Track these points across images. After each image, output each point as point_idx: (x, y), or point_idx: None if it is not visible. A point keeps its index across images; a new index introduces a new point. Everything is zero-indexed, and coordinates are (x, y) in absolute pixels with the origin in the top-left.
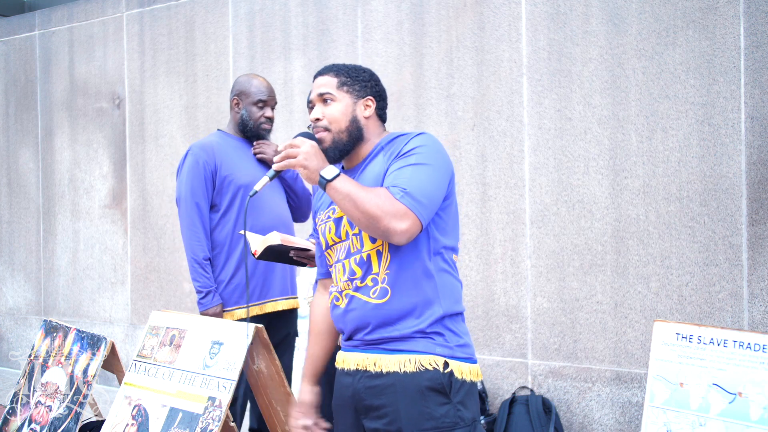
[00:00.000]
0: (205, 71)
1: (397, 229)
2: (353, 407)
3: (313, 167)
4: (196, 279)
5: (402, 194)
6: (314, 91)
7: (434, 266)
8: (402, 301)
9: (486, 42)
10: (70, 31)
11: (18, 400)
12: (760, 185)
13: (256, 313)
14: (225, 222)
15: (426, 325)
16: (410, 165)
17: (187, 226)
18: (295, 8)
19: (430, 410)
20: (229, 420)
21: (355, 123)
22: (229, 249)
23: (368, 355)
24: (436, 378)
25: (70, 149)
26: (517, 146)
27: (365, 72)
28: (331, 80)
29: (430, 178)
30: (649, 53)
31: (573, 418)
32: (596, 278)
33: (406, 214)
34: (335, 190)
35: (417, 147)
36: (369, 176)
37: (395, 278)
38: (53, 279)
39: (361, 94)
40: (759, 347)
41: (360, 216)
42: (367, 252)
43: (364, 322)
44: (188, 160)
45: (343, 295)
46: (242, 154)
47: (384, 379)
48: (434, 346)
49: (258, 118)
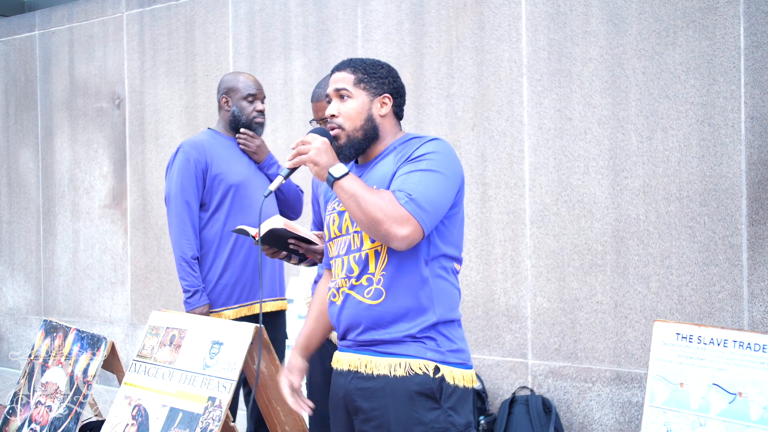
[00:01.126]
0: (205, 71)
1: (398, 234)
2: (345, 408)
3: (323, 164)
4: (183, 278)
5: (407, 200)
6: (331, 86)
7: (431, 272)
8: (395, 305)
9: (486, 42)
10: (70, 31)
11: (18, 400)
12: (760, 185)
13: (244, 315)
14: (214, 221)
15: (417, 330)
16: (419, 170)
17: (176, 224)
18: (295, 8)
19: (420, 415)
20: (229, 420)
21: (371, 121)
22: (218, 248)
23: (360, 357)
24: (425, 383)
25: (70, 149)
26: (517, 146)
27: (383, 68)
28: (348, 76)
29: (438, 185)
30: (649, 53)
31: (573, 418)
32: (596, 278)
33: (408, 220)
34: (341, 188)
35: (429, 153)
36: (376, 175)
37: (390, 281)
38: (53, 279)
39: (378, 92)
40: (759, 347)
41: (362, 217)
42: (365, 251)
43: (356, 322)
44: (179, 157)
45: (339, 293)
46: (233, 153)
47: (374, 381)
48: (425, 351)
49: (250, 113)
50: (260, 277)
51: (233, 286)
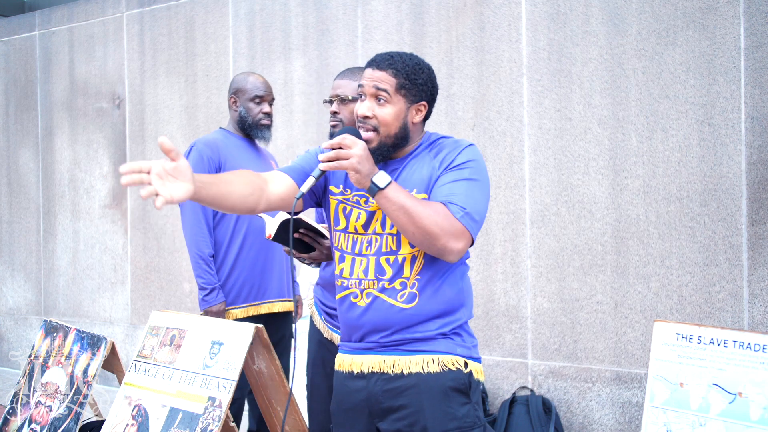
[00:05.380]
0: (205, 71)
1: (454, 249)
2: (367, 411)
3: (365, 172)
4: (200, 276)
5: (462, 213)
6: (369, 82)
7: (460, 273)
8: (428, 308)
9: (486, 42)
10: (70, 31)
11: (18, 400)
12: (760, 185)
13: (251, 314)
14: (225, 222)
15: (449, 330)
16: (464, 180)
17: (190, 222)
18: (295, 8)
19: (454, 410)
20: (229, 420)
21: (404, 129)
22: (227, 248)
23: (385, 357)
24: (459, 378)
25: (70, 149)
26: (517, 146)
27: (424, 72)
28: (390, 79)
29: (482, 195)
30: (649, 53)
31: (573, 418)
32: (596, 278)
33: (464, 234)
34: (387, 199)
35: (470, 161)
36: (413, 178)
37: (425, 285)
38: (53, 279)
39: (416, 99)
40: (759, 347)
41: (414, 230)
42: (403, 255)
43: (384, 325)
44: (192, 155)
45: (363, 294)
46: (245, 153)
47: (405, 380)
48: (455, 347)
49: (256, 114)
50: (292, 275)
51: (242, 285)
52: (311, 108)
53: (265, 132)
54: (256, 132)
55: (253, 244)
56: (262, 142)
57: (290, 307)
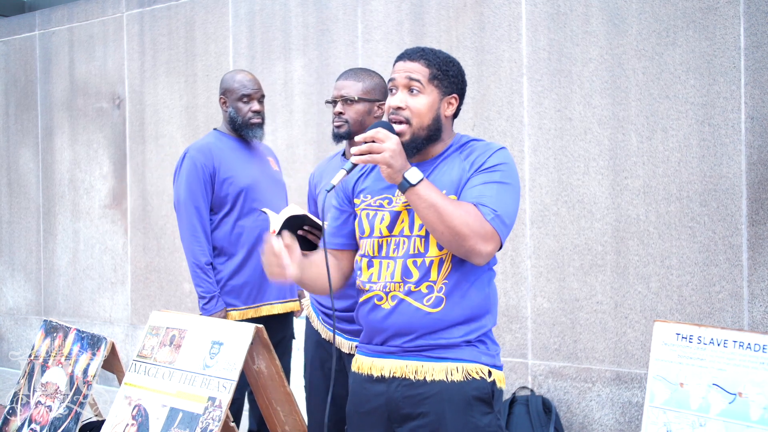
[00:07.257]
0: (205, 71)
1: (483, 251)
2: (386, 416)
3: (397, 167)
4: (198, 284)
5: (493, 216)
6: (401, 74)
7: (487, 278)
8: (454, 313)
9: (486, 42)
10: (70, 31)
11: (18, 400)
12: (760, 185)
13: (251, 316)
14: (224, 223)
15: (474, 337)
16: (495, 182)
17: (187, 231)
18: (295, 8)
19: (476, 420)
20: (229, 420)
21: (437, 122)
22: (227, 251)
23: (408, 362)
24: (482, 387)
25: (70, 149)
26: (517, 146)
27: (454, 66)
28: (423, 69)
29: (513, 199)
30: (649, 53)
31: (573, 418)
32: (596, 278)
33: (493, 237)
34: (418, 195)
35: (501, 164)
36: (444, 179)
37: (452, 289)
38: (53, 279)
39: (448, 91)
40: (759, 347)
41: (443, 229)
42: (431, 258)
43: (409, 329)
44: (186, 163)
45: (389, 297)
46: (240, 155)
47: (428, 387)
48: (479, 355)
49: (245, 114)
50: (328, 273)
51: (241, 287)
52: (311, 108)
53: (256, 131)
54: (248, 132)
55: (253, 246)
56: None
57: (290, 309)
